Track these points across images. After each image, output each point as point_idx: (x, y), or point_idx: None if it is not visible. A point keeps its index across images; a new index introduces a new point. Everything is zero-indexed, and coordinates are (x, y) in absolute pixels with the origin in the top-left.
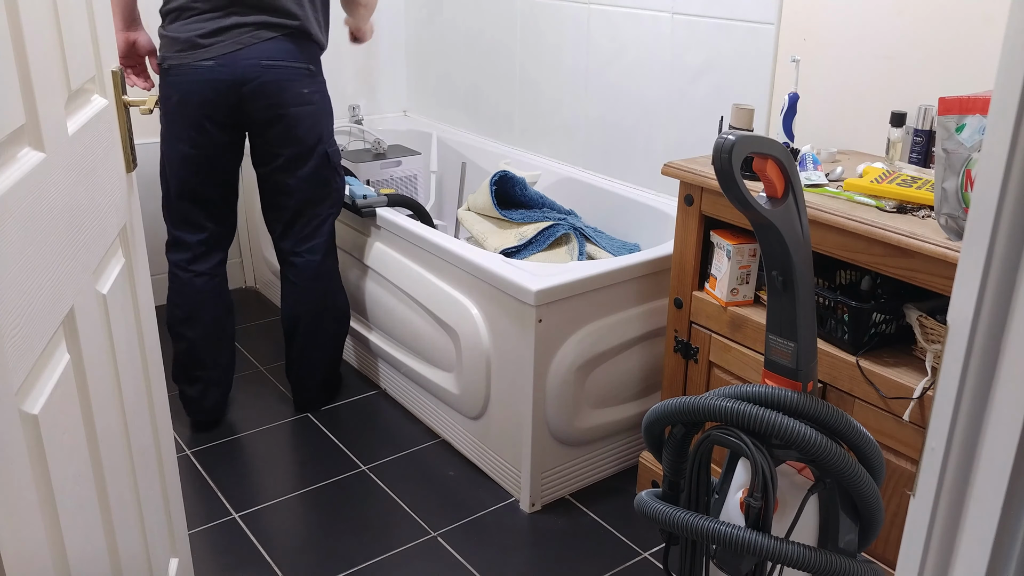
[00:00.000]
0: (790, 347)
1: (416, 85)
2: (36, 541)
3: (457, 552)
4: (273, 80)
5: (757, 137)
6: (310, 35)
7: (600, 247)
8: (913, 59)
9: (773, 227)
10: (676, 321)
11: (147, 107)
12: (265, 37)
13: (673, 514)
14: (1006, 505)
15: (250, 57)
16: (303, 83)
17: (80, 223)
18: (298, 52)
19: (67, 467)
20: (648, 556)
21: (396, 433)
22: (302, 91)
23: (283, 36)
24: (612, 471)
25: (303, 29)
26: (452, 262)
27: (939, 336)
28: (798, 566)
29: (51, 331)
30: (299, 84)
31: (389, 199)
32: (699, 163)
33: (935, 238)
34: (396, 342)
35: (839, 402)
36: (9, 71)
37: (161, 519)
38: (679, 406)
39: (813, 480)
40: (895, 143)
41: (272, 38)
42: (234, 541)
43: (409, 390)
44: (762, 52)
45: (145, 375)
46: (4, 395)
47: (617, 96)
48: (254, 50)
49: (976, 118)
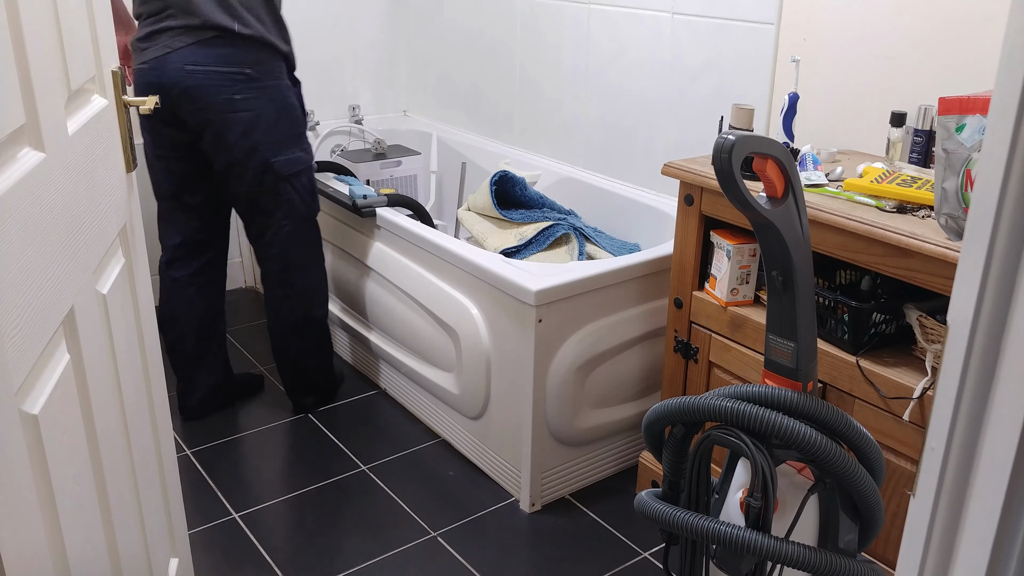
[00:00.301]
0: (790, 347)
1: (416, 85)
2: (36, 541)
3: (457, 552)
4: (196, 85)
5: (757, 137)
6: (251, 38)
7: (600, 247)
8: (913, 59)
9: (773, 227)
10: (676, 321)
11: (147, 107)
12: (190, 41)
13: (673, 514)
14: (1006, 505)
15: (175, 62)
16: (234, 89)
17: (80, 223)
18: (231, 56)
19: (67, 467)
20: (648, 556)
21: (396, 433)
22: (232, 97)
23: (213, 40)
24: (612, 471)
25: (240, 32)
26: (452, 262)
27: (939, 336)
28: (798, 566)
29: (51, 331)
30: (228, 90)
31: (389, 199)
32: (699, 163)
33: (935, 238)
34: (396, 342)
35: (839, 402)
36: (9, 71)
37: (161, 519)
38: (679, 406)
39: (813, 480)
40: (895, 143)
41: (198, 41)
42: (234, 541)
43: (409, 390)
44: (762, 52)
45: (145, 375)
46: (4, 395)
47: (617, 96)
48: (180, 54)
49: (976, 118)
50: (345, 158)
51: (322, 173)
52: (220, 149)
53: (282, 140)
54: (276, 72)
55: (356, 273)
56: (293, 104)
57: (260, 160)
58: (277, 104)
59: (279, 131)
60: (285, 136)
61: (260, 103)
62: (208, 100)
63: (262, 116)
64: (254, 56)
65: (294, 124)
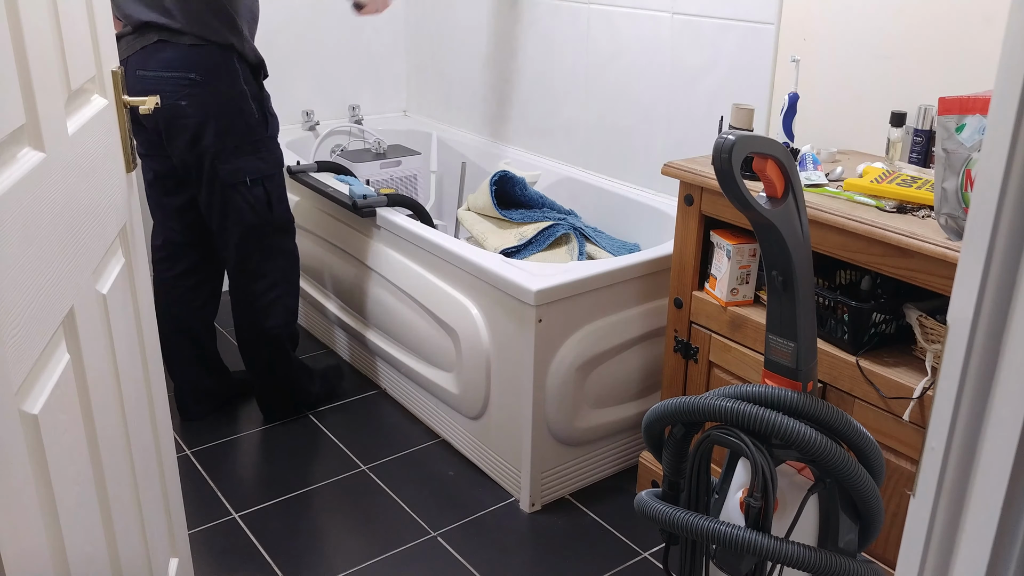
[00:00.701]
0: (790, 347)
1: (416, 85)
2: (36, 541)
3: (457, 552)
4: (144, 91)
5: (757, 137)
6: (195, 43)
7: (600, 247)
8: (913, 59)
9: (773, 227)
10: (676, 321)
11: (147, 107)
12: (140, 45)
13: (673, 514)
14: (1006, 505)
15: (130, 67)
16: (180, 94)
17: (80, 223)
18: (175, 61)
19: (67, 467)
20: (648, 556)
21: (396, 433)
22: (178, 103)
23: (157, 44)
24: (612, 471)
25: (185, 32)
26: (452, 262)
27: (939, 336)
28: (798, 566)
29: (51, 331)
30: (174, 95)
31: (389, 199)
32: (699, 163)
33: (935, 238)
34: (396, 342)
35: (839, 402)
36: (9, 71)
37: (161, 519)
38: (679, 406)
39: (813, 480)
40: (895, 143)
41: (144, 48)
42: (234, 541)
43: (409, 390)
44: (762, 52)
45: (145, 375)
46: (4, 395)
47: (617, 96)
48: (133, 59)
49: (976, 118)
50: (345, 158)
51: (322, 173)
52: (174, 154)
53: (232, 147)
54: (226, 76)
55: (356, 273)
56: (245, 109)
57: (208, 166)
58: (226, 110)
59: (229, 138)
60: (235, 143)
61: (207, 109)
62: (158, 106)
63: (208, 122)
64: (199, 59)
65: (247, 130)
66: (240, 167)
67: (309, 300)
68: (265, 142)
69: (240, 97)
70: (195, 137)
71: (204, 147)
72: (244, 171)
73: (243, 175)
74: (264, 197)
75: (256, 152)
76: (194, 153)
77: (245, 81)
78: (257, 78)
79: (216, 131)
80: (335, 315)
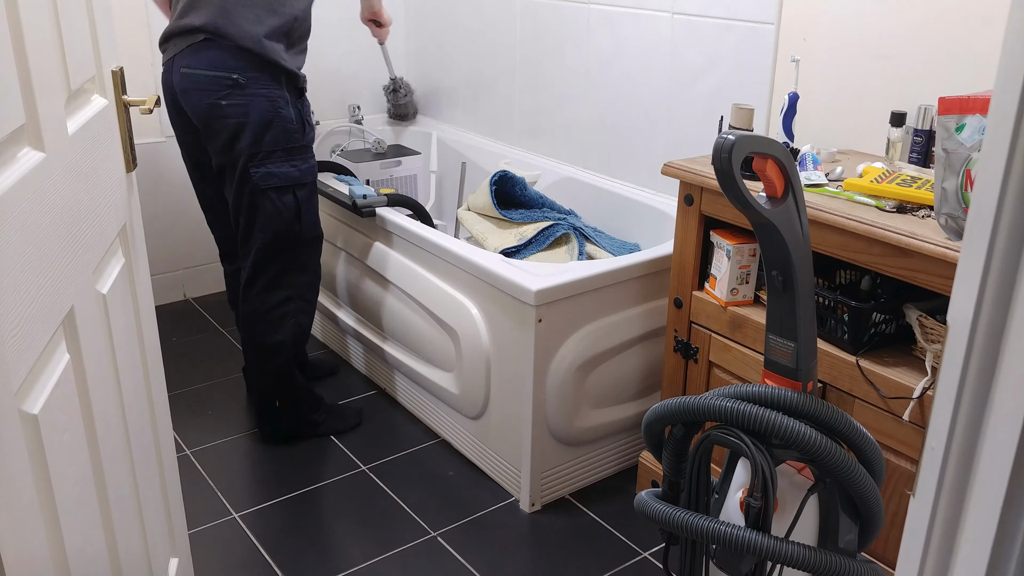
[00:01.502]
0: (790, 347)
1: (416, 85)
2: (36, 541)
3: (457, 552)
4: (189, 88)
5: (757, 137)
6: (237, 42)
7: (600, 247)
8: (913, 59)
9: (773, 227)
10: (676, 321)
11: (147, 107)
12: (188, 43)
13: (673, 514)
14: (1006, 505)
15: (177, 64)
16: (221, 94)
17: (80, 223)
18: (218, 61)
19: (67, 467)
20: (648, 556)
21: (396, 433)
22: (219, 103)
23: (204, 43)
24: (612, 471)
25: (226, 34)
26: (452, 262)
27: (939, 336)
28: (798, 566)
29: (51, 331)
30: (216, 95)
31: (389, 199)
32: (699, 163)
33: (935, 238)
34: (396, 342)
35: (839, 402)
36: (9, 71)
37: (161, 519)
38: (679, 406)
39: (813, 480)
40: (895, 143)
41: (191, 45)
42: (234, 541)
43: (409, 390)
44: (762, 52)
45: (145, 375)
46: (4, 395)
47: (617, 96)
48: (180, 57)
49: (976, 118)
50: (345, 158)
51: (322, 173)
52: (212, 152)
53: (267, 151)
54: (268, 82)
55: (356, 273)
56: (285, 116)
57: (242, 168)
58: (265, 114)
59: (265, 142)
60: (271, 147)
61: (247, 110)
62: (197, 103)
63: (248, 124)
64: (244, 63)
65: (285, 136)
66: (274, 172)
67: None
68: (300, 150)
69: (280, 101)
70: (233, 137)
71: (240, 149)
72: (278, 177)
73: (277, 180)
74: (294, 206)
75: (290, 159)
76: (230, 154)
77: (286, 87)
78: (296, 85)
79: (253, 134)
80: (335, 315)
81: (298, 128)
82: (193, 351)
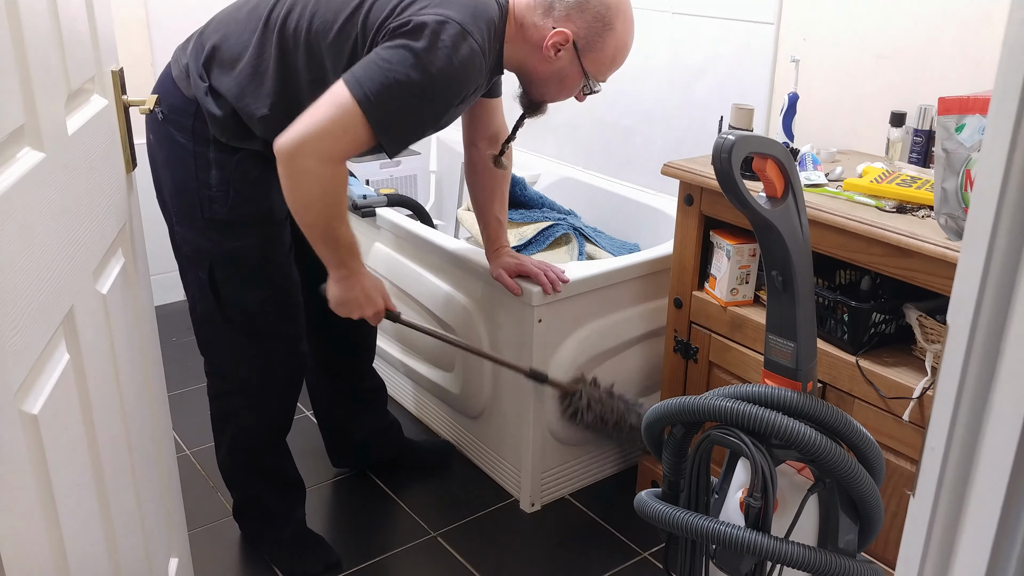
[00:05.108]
0: (790, 347)
1: None
2: (36, 541)
3: (457, 552)
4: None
5: (757, 137)
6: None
7: (600, 247)
8: (913, 59)
9: (773, 227)
10: (676, 321)
11: (147, 107)
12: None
13: (673, 514)
14: (1006, 505)
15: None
16: (150, 123)
17: (80, 223)
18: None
19: (67, 467)
20: (648, 556)
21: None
22: (149, 136)
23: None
24: (612, 471)
25: (175, 62)
26: (452, 262)
27: (939, 336)
28: (798, 566)
29: (51, 331)
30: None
31: (389, 199)
32: (699, 163)
33: (935, 238)
34: (396, 342)
35: (839, 402)
36: (9, 71)
37: (161, 519)
38: (679, 406)
39: (813, 480)
40: (895, 143)
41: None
42: (234, 541)
43: (409, 390)
44: (762, 52)
45: (145, 375)
46: (4, 395)
47: (617, 96)
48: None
49: (976, 118)
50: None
51: None
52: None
53: (182, 211)
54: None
55: None
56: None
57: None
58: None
59: (180, 199)
60: (184, 209)
61: (164, 155)
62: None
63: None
64: (169, 93)
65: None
66: (187, 238)
67: None
68: (216, 224)
69: (197, 160)
70: (157, 182)
71: (164, 199)
72: (189, 244)
73: (188, 247)
74: (200, 286)
75: (204, 231)
76: (161, 200)
77: (216, 146)
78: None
79: (171, 186)
80: None
81: (219, 198)
82: (193, 351)
